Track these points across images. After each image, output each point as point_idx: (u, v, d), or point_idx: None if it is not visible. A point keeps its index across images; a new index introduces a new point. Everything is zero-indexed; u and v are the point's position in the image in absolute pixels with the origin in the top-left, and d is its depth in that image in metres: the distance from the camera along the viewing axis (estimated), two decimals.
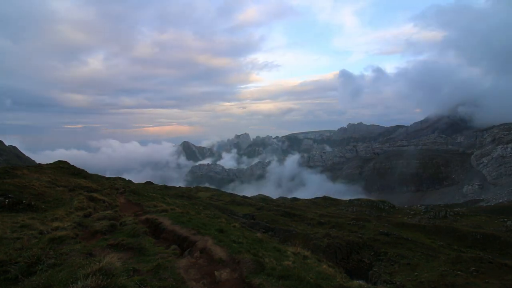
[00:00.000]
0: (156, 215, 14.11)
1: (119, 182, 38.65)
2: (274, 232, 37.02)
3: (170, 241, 10.55)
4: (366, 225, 42.04)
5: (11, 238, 9.58)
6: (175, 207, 19.90)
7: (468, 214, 53.61)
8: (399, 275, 26.14)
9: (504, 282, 22.35)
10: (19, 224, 11.98)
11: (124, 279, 4.94)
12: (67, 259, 6.77)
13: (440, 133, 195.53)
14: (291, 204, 67.39)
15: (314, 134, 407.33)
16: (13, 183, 19.29)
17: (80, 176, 32.00)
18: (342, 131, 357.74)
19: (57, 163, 34.57)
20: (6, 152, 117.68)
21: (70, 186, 24.22)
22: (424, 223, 46.25)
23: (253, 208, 53.45)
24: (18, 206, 15.59)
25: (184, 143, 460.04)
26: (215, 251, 8.76)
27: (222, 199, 61.46)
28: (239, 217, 43.22)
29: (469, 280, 22.44)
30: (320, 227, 42.11)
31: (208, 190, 79.79)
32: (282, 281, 6.87)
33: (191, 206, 32.09)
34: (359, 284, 8.42)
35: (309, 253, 13.10)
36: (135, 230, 10.46)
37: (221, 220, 20.50)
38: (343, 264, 28.65)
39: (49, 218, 13.90)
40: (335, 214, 54.63)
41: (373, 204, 62.83)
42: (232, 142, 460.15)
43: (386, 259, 30.23)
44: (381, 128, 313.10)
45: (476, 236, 37.48)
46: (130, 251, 8.35)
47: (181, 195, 49.27)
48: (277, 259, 9.50)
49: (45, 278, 5.41)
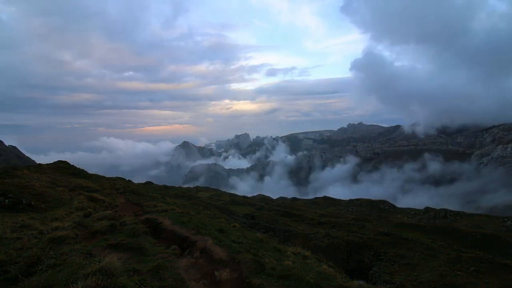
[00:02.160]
0: (156, 215, 14.10)
1: (119, 182, 38.62)
2: (274, 232, 37.02)
3: (170, 241, 10.54)
4: (366, 225, 42.03)
5: (11, 238, 9.57)
6: (175, 207, 19.90)
7: (468, 214, 53.61)
8: (399, 275, 26.15)
9: (504, 282, 22.37)
10: (19, 224, 11.97)
11: (124, 279, 4.94)
12: (67, 259, 6.77)
13: (440, 133, 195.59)
14: (291, 204, 67.32)
15: (314, 134, 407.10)
16: (13, 183, 19.28)
17: (80, 176, 31.99)
18: (342, 131, 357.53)
19: (57, 163, 34.58)
20: (6, 152, 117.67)
21: (70, 186, 24.21)
22: (424, 223, 46.26)
23: (253, 208, 53.43)
24: (18, 206, 15.59)
25: (184, 143, 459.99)
26: (215, 251, 8.76)
27: (222, 199, 61.44)
28: (239, 217, 43.22)
29: (469, 280, 22.46)
30: (320, 227, 42.09)
31: (208, 190, 79.74)
32: (282, 281, 6.87)
33: (191, 206, 32.10)
34: (359, 284, 8.42)
35: (309, 253, 13.08)
36: (135, 230, 10.45)
37: (221, 220, 20.51)
38: (343, 264, 28.64)
39: (49, 218, 13.90)
40: (335, 214, 54.60)
41: (373, 204, 62.80)
42: (232, 142, 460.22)
43: (386, 259, 30.23)
44: (381, 128, 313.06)
45: (476, 236, 37.47)
46: (130, 251, 8.34)
47: (181, 195, 49.28)
48: (277, 259, 9.49)
49: (45, 278, 5.42)
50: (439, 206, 59.10)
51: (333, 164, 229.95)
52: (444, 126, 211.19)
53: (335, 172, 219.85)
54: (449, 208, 57.79)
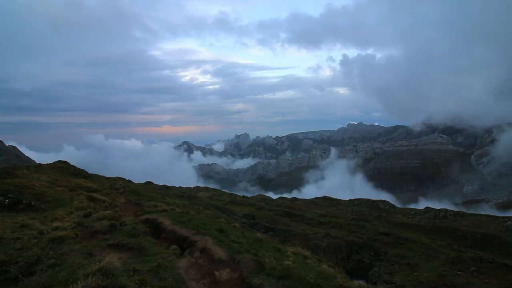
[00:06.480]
0: (156, 215, 14.10)
1: (119, 182, 38.60)
2: (274, 232, 37.00)
3: (170, 241, 10.55)
4: (366, 225, 42.03)
5: (11, 238, 9.57)
6: (175, 207, 19.90)
7: (468, 214, 53.58)
8: (399, 275, 26.16)
9: (504, 282, 22.38)
10: (19, 224, 11.96)
11: (124, 279, 4.93)
12: (67, 259, 6.78)
13: (440, 133, 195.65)
14: (291, 204, 67.30)
15: (314, 134, 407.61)
16: (13, 183, 19.27)
17: (80, 176, 31.97)
18: (342, 131, 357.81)
19: (57, 163, 34.54)
20: (6, 152, 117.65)
21: (70, 186, 24.18)
22: (424, 223, 46.23)
23: (253, 208, 53.44)
24: (18, 206, 15.57)
25: (184, 143, 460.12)
26: (215, 251, 8.76)
27: (222, 199, 61.46)
28: (239, 217, 43.21)
29: (469, 280, 22.46)
30: (320, 227, 42.10)
31: (208, 190, 79.80)
32: (282, 281, 6.87)
33: (191, 206, 32.09)
34: (359, 284, 8.44)
35: (309, 253, 13.09)
36: (135, 230, 10.46)
37: (221, 220, 20.50)
38: (343, 264, 28.66)
39: (49, 218, 13.89)
40: (335, 214, 54.60)
41: (373, 204, 62.77)
42: (232, 142, 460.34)
43: (386, 259, 30.24)
44: (381, 128, 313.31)
45: (476, 236, 37.45)
46: (130, 251, 8.35)
47: (181, 195, 49.27)
48: (277, 259, 9.49)
49: (45, 278, 5.42)
50: (439, 206, 59.11)
51: (333, 164, 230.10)
52: (444, 126, 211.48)
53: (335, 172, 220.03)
54: (449, 208, 57.80)
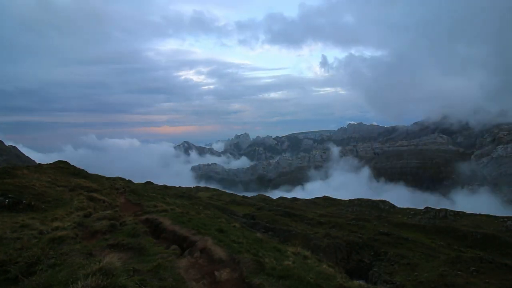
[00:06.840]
0: (156, 215, 14.10)
1: (119, 182, 38.60)
2: (274, 232, 36.99)
3: (170, 241, 10.55)
4: (366, 225, 42.03)
5: (11, 238, 9.58)
6: (175, 207, 19.91)
7: (468, 214, 53.56)
8: (399, 275, 26.16)
9: (504, 282, 22.37)
10: (19, 224, 11.96)
11: (124, 279, 4.94)
12: (67, 259, 6.78)
13: (440, 133, 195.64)
14: (291, 204, 67.31)
15: (314, 134, 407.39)
16: (13, 183, 19.28)
17: (80, 176, 31.97)
18: (342, 131, 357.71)
19: (57, 163, 34.54)
20: (6, 152, 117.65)
21: (70, 186, 24.19)
22: (424, 223, 46.24)
23: (253, 208, 53.44)
24: (18, 206, 15.57)
25: (184, 143, 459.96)
26: (215, 251, 8.76)
27: (222, 199, 61.46)
28: (239, 217, 43.20)
29: (469, 280, 22.46)
30: (320, 227, 42.10)
31: (208, 190, 79.80)
32: (282, 281, 6.88)
33: (191, 206, 32.09)
34: (359, 284, 8.44)
35: (309, 253, 13.10)
36: (135, 230, 10.46)
37: (221, 220, 20.51)
38: (343, 264, 28.65)
39: (49, 218, 13.89)
40: (335, 214, 54.61)
41: (373, 204, 62.78)
42: (232, 142, 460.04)
43: (386, 259, 30.25)
44: (381, 128, 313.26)
45: (476, 236, 37.45)
46: (130, 251, 8.35)
47: (181, 195, 49.25)
48: (277, 259, 9.50)
49: (45, 278, 5.42)
50: (439, 206, 59.10)
51: (333, 164, 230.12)
52: (444, 126, 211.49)
53: (335, 172, 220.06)
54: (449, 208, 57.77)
